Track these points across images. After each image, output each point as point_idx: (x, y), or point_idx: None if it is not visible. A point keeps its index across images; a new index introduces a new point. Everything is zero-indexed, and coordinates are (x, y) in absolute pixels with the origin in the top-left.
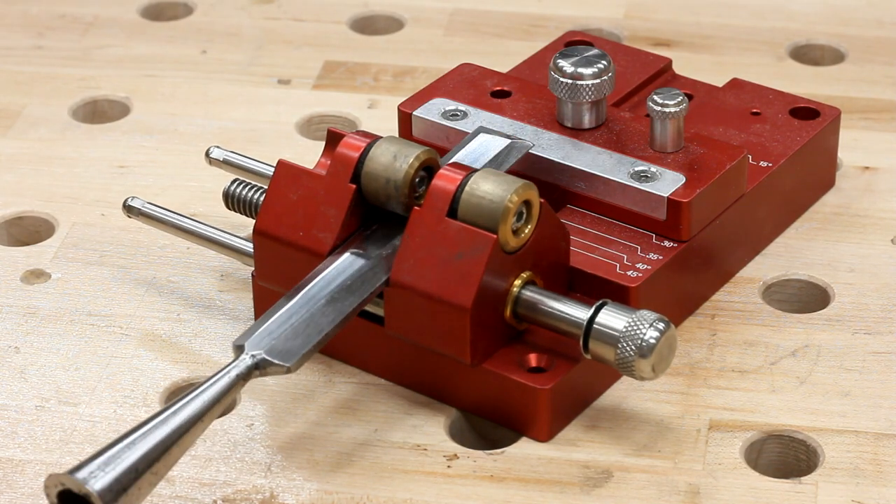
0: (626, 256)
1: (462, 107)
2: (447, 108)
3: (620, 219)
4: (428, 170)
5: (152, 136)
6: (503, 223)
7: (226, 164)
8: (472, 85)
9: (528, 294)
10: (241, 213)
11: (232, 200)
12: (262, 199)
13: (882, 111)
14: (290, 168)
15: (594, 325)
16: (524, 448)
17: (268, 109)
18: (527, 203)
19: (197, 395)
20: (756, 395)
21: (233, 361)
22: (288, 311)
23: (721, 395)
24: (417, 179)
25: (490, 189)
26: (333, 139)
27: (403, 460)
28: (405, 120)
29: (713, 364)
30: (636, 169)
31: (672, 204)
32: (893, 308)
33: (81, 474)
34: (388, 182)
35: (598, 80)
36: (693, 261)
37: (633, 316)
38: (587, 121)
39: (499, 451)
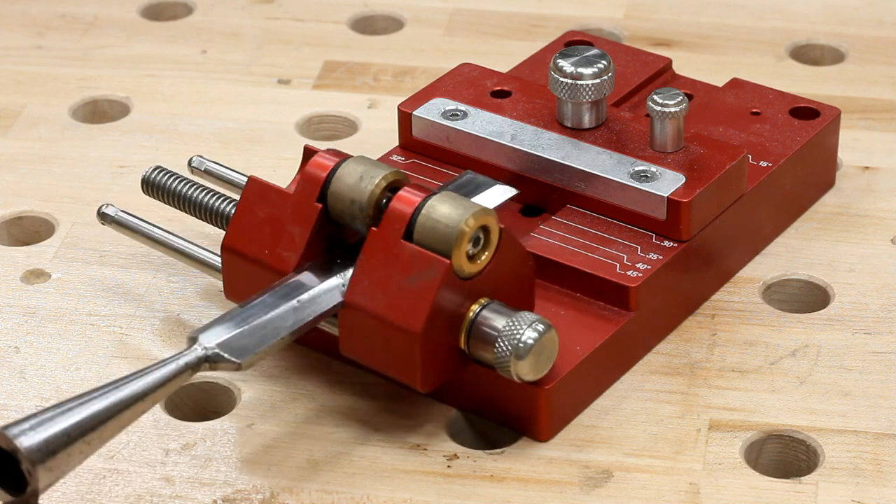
0: (626, 256)
1: (462, 107)
2: (447, 108)
3: (620, 219)
4: (395, 191)
5: (152, 136)
6: (457, 248)
7: (206, 173)
8: (472, 85)
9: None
10: (159, 200)
11: (150, 187)
12: (182, 188)
13: (882, 111)
14: (260, 185)
15: (475, 324)
16: (524, 448)
17: (268, 109)
18: (484, 229)
19: (141, 376)
20: (756, 395)
21: (184, 350)
22: (246, 313)
23: (721, 395)
24: (384, 201)
25: (446, 213)
26: (309, 156)
27: (403, 460)
28: (405, 120)
29: (713, 364)
30: (636, 169)
31: (672, 204)
32: (893, 308)
33: (12, 431)
34: (352, 203)
35: (598, 80)
36: (693, 261)
37: (513, 316)
38: (587, 121)
39: (499, 451)
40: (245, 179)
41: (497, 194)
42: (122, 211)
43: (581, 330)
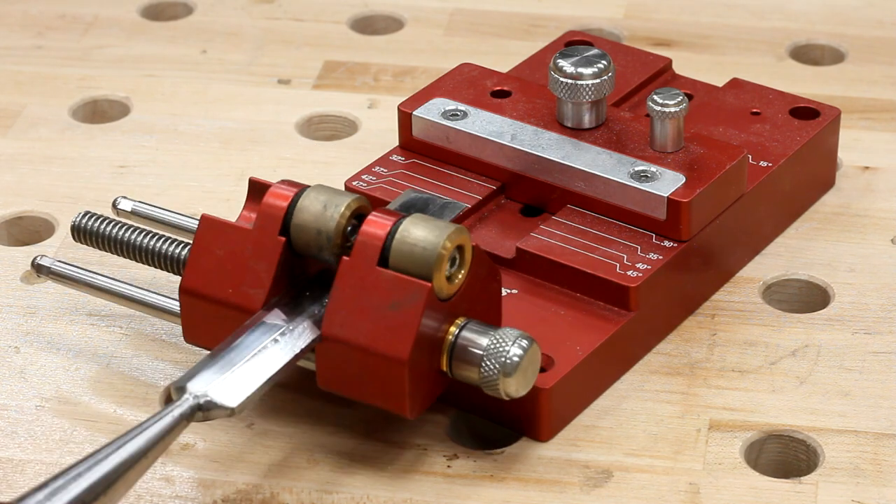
0: (626, 256)
1: (462, 107)
2: (447, 108)
3: (620, 219)
4: (360, 218)
5: (152, 136)
6: (437, 270)
7: (134, 214)
8: (472, 85)
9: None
10: (93, 247)
11: (82, 235)
12: (119, 233)
13: (882, 111)
14: (214, 223)
15: (457, 344)
16: (524, 448)
17: (268, 109)
18: (459, 248)
19: (139, 434)
20: (756, 395)
21: (175, 402)
22: (228, 356)
23: (721, 395)
24: (349, 228)
25: (422, 235)
26: (256, 189)
27: (403, 460)
28: (405, 120)
29: (713, 364)
30: (636, 169)
31: (672, 204)
32: (893, 308)
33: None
34: (319, 233)
35: (598, 80)
36: (693, 261)
37: (497, 334)
38: (587, 121)
39: (499, 451)
40: (173, 218)
41: (448, 211)
42: (59, 261)
43: (581, 330)
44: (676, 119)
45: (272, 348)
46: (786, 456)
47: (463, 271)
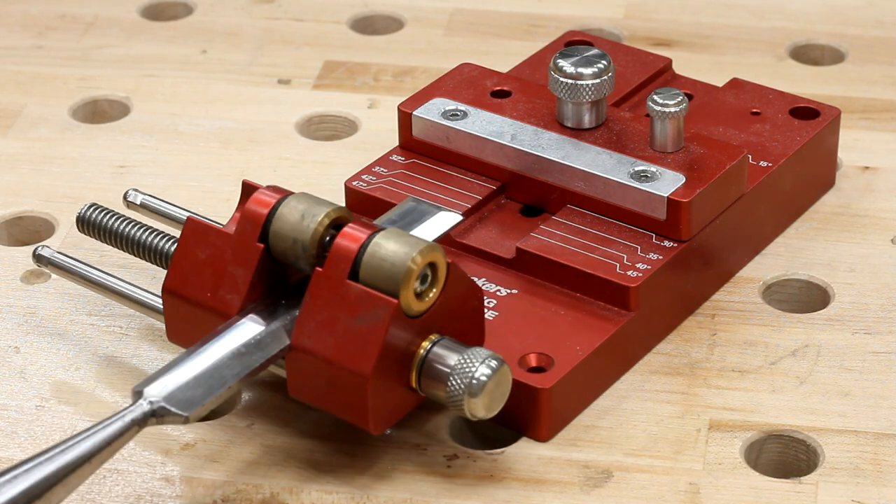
0: (626, 256)
1: (462, 107)
2: (447, 108)
3: (620, 219)
4: (339, 227)
5: (152, 136)
6: (405, 287)
7: (143, 207)
8: (472, 85)
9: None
10: (96, 239)
11: (86, 226)
12: (120, 226)
13: (882, 111)
14: (199, 225)
15: (426, 360)
16: (524, 448)
17: (268, 109)
18: (432, 265)
19: (87, 437)
20: (756, 395)
21: (129, 406)
22: (191, 362)
23: (721, 395)
24: (327, 238)
25: (392, 250)
26: (248, 192)
27: (403, 460)
28: (405, 120)
29: (713, 364)
30: (636, 169)
31: (672, 204)
32: (893, 308)
33: None
34: (295, 242)
35: (598, 80)
36: (693, 261)
37: (466, 353)
38: (587, 121)
39: (499, 451)
40: (182, 214)
41: (442, 222)
42: (59, 252)
43: (581, 330)
44: (676, 119)
45: (237, 357)
46: (786, 456)
47: (435, 289)
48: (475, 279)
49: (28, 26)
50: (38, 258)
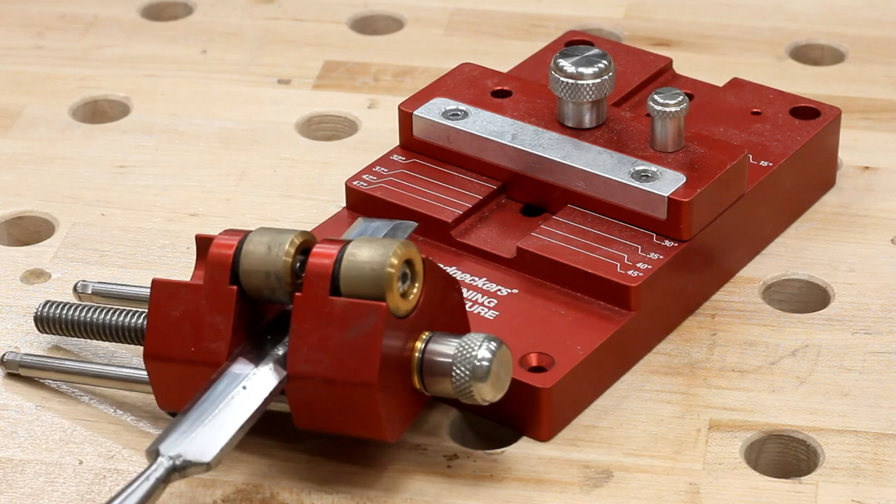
0: (626, 256)
1: (463, 106)
2: (448, 108)
3: (621, 218)
4: (307, 253)
5: (152, 136)
6: (389, 289)
7: (95, 295)
8: (472, 85)
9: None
10: (57, 334)
11: (45, 324)
12: (80, 315)
13: (882, 111)
14: (167, 285)
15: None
16: (524, 448)
17: (268, 109)
18: (409, 262)
19: (121, 501)
20: (756, 395)
21: (150, 466)
22: (196, 414)
23: (721, 395)
24: (297, 265)
25: (368, 257)
26: (204, 245)
27: (403, 460)
28: (406, 120)
29: (713, 364)
30: (637, 168)
31: (672, 203)
32: (893, 308)
33: None
34: (268, 275)
35: (598, 80)
36: (693, 260)
37: (463, 341)
38: (588, 120)
39: (499, 450)
40: (133, 290)
41: (400, 231)
42: (27, 354)
43: (581, 330)
44: (677, 119)
45: (240, 397)
46: (786, 456)
47: (417, 285)
48: (476, 279)
49: (28, 26)
50: (4, 363)
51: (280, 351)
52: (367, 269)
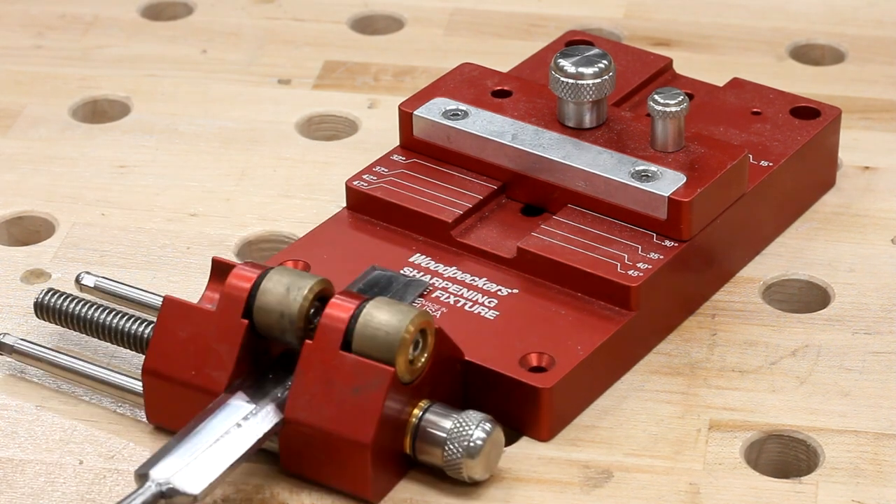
0: (626, 256)
1: (463, 106)
2: (448, 108)
3: (621, 218)
4: (323, 300)
5: (152, 136)
6: (400, 355)
7: (97, 290)
8: (472, 85)
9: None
10: (55, 324)
11: (45, 312)
12: (84, 311)
13: (882, 111)
14: (178, 304)
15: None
16: (524, 448)
17: (268, 109)
18: (422, 332)
19: None
20: (756, 395)
21: (137, 490)
22: (190, 442)
23: (721, 395)
24: (312, 311)
25: (385, 320)
26: (219, 269)
27: None
28: (406, 120)
29: (713, 364)
30: (637, 168)
31: (673, 203)
32: (893, 308)
33: None
34: (282, 316)
35: (599, 80)
36: (693, 260)
37: (460, 417)
38: (588, 120)
39: None
40: (137, 294)
41: (411, 289)
42: (22, 339)
43: (581, 330)
44: (677, 119)
45: (235, 433)
46: (786, 456)
47: (426, 355)
48: (476, 279)
49: (28, 26)
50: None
51: (280, 393)
52: (381, 332)
